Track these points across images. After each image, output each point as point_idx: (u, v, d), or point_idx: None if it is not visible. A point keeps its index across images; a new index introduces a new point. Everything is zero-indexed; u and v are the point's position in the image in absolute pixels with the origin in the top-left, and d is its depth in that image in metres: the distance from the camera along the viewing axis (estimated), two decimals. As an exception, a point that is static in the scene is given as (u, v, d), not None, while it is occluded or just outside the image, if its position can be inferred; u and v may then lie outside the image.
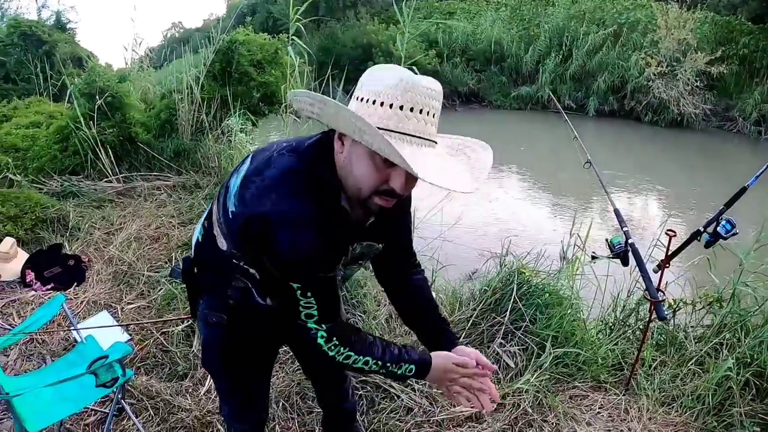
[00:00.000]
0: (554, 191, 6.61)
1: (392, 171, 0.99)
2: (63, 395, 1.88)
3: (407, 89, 0.95)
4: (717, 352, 2.35)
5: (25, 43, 8.05)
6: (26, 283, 3.48)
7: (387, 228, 1.28)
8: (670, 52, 10.22)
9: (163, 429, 2.23)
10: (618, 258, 2.24)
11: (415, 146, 0.96)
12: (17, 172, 4.71)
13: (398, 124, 0.95)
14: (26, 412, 1.76)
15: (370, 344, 1.16)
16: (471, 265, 3.70)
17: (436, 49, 13.29)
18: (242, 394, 1.49)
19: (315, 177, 1.06)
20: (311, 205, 1.04)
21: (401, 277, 1.42)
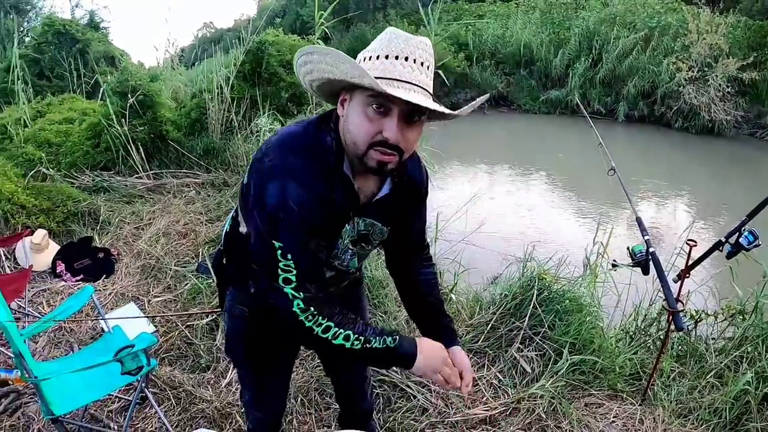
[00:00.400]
0: (581, 197, 6.53)
1: (384, 120, 1.01)
2: (89, 381, 1.97)
3: (391, 40, 1.02)
4: (737, 365, 2.31)
5: (59, 41, 8.27)
6: (56, 273, 3.61)
7: (396, 212, 1.26)
8: (701, 57, 9.98)
9: (184, 418, 2.30)
10: (639, 266, 2.22)
11: (399, 89, 0.98)
12: (50, 166, 4.88)
13: (385, 71, 1.00)
14: (53, 395, 1.84)
15: (351, 319, 1.12)
16: (494, 269, 3.70)
17: (466, 52, 13.26)
18: (261, 385, 1.54)
19: (313, 140, 1.10)
20: (303, 162, 1.06)
21: (411, 268, 1.42)
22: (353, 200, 1.15)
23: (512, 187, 7.39)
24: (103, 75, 6.73)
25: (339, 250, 1.23)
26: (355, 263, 1.31)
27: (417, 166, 1.30)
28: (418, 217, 1.39)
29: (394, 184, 1.21)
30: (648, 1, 12.31)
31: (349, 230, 1.20)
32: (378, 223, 1.24)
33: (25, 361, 1.76)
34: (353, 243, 1.24)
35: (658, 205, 6.62)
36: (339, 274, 1.31)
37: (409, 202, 1.29)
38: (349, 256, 1.27)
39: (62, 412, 1.82)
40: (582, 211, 6.12)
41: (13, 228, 3.84)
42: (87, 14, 10.47)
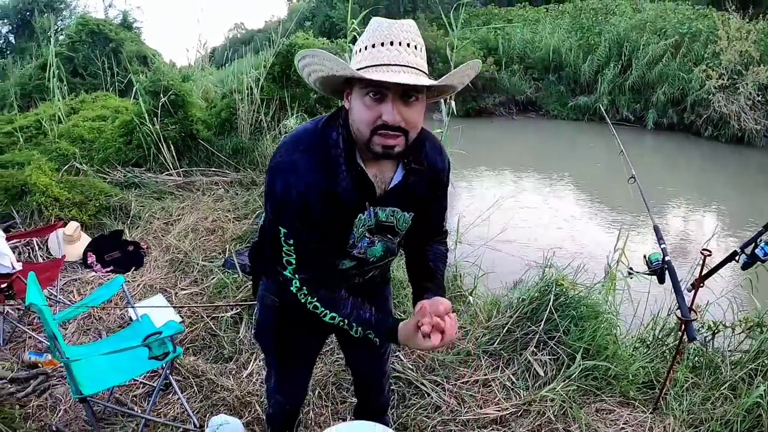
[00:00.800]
0: (607, 204, 6.48)
1: (381, 106, 1.06)
2: (117, 365, 2.09)
3: (375, 29, 1.07)
4: (752, 378, 2.30)
5: (93, 40, 8.55)
6: (87, 264, 3.77)
7: (416, 198, 1.29)
8: (731, 65, 9.76)
9: (205, 405, 2.41)
10: (655, 275, 2.23)
11: (388, 73, 1.03)
12: (84, 161, 5.07)
13: (374, 59, 1.05)
14: (82, 376, 1.96)
15: (338, 302, 1.24)
16: (514, 274, 3.72)
17: (495, 57, 13.23)
18: (285, 372, 1.62)
19: (319, 137, 1.17)
20: (305, 158, 1.15)
21: (424, 246, 1.45)
22: (368, 190, 1.20)
23: (537, 193, 7.37)
24: (136, 74, 6.94)
25: (355, 239, 1.26)
26: (376, 252, 1.32)
27: (438, 153, 1.33)
28: (438, 203, 1.41)
29: (407, 170, 1.24)
30: (679, 7, 12.12)
31: (364, 219, 1.23)
32: (399, 210, 1.27)
33: (59, 343, 1.87)
34: (371, 232, 1.27)
35: (685, 214, 6.52)
36: (359, 264, 1.33)
37: (428, 188, 1.31)
38: (366, 244, 1.29)
39: (90, 392, 1.94)
40: (606, 219, 6.07)
41: (46, 219, 4.03)
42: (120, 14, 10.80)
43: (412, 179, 1.25)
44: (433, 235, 1.46)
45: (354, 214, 1.22)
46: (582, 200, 6.93)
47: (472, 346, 2.65)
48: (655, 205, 6.40)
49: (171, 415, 2.37)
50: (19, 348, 2.91)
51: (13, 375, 2.58)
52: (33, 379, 2.56)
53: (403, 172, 1.24)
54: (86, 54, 8.28)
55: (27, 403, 2.43)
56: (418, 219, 1.34)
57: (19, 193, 4.10)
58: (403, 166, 1.24)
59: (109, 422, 2.31)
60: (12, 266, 3.05)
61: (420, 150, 1.25)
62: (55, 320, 2.23)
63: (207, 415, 2.31)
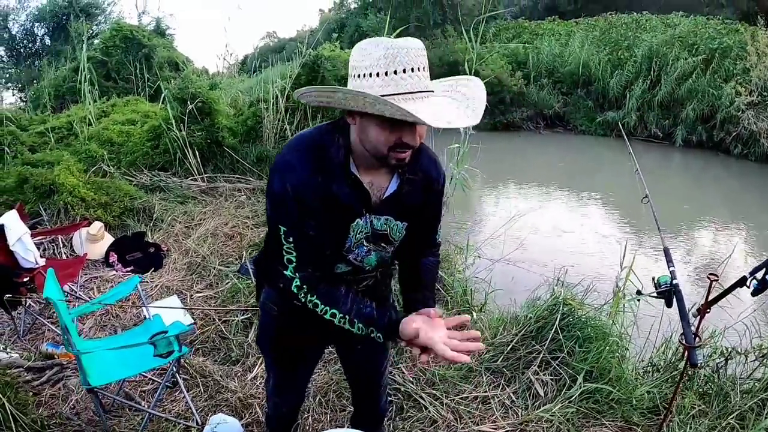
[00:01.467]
0: (631, 223, 6.36)
1: (402, 129, 1.09)
2: (125, 360, 2.18)
3: (395, 56, 1.05)
4: (761, 407, 2.24)
5: (126, 46, 8.81)
6: (109, 263, 3.90)
7: (410, 207, 1.32)
8: (761, 81, 9.50)
9: (209, 405, 2.47)
10: (663, 297, 2.20)
11: (418, 101, 1.06)
12: (111, 164, 5.24)
13: (396, 87, 1.06)
14: (91, 368, 2.06)
15: (338, 298, 1.26)
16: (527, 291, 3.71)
17: (524, 71, 13.18)
18: (282, 377, 1.66)
19: (318, 140, 1.22)
20: (303, 157, 1.19)
21: (415, 257, 1.47)
22: (363, 198, 1.24)
23: (560, 208, 7.30)
24: (166, 80, 7.13)
25: (351, 244, 1.29)
26: (371, 261, 1.35)
27: (432, 163, 1.36)
28: (432, 214, 1.42)
29: (402, 180, 1.28)
30: (709, 22, 11.89)
31: (361, 225, 1.27)
32: (393, 218, 1.30)
33: (70, 336, 1.97)
34: (368, 240, 1.31)
35: (712, 234, 6.35)
36: (355, 271, 1.36)
37: (422, 197, 1.34)
38: (364, 252, 1.32)
39: (97, 383, 2.03)
40: (628, 238, 5.97)
41: (72, 218, 4.18)
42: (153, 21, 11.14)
43: (406, 188, 1.28)
44: (426, 246, 1.48)
45: (351, 217, 1.25)
46: (606, 218, 6.82)
47: (474, 362, 2.65)
48: (680, 225, 6.28)
49: (175, 411, 2.44)
50: (38, 339, 3.05)
51: (30, 364, 2.70)
52: (48, 369, 2.68)
53: (398, 181, 1.28)
54: (119, 59, 8.56)
55: (41, 391, 2.54)
56: (412, 229, 1.36)
57: (48, 192, 4.27)
58: (398, 176, 1.28)
59: (116, 414, 2.41)
60: (35, 261, 3.18)
61: (415, 159, 1.28)
62: (71, 315, 2.33)
63: (209, 414, 2.37)
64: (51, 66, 8.93)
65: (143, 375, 2.58)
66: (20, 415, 2.09)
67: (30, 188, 4.30)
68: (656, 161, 9.79)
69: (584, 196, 7.77)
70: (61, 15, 13.60)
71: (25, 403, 2.24)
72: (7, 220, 3.07)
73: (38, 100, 7.96)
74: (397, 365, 2.60)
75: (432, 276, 1.49)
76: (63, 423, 2.34)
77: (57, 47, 12.34)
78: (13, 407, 2.07)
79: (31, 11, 14.40)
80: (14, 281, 2.94)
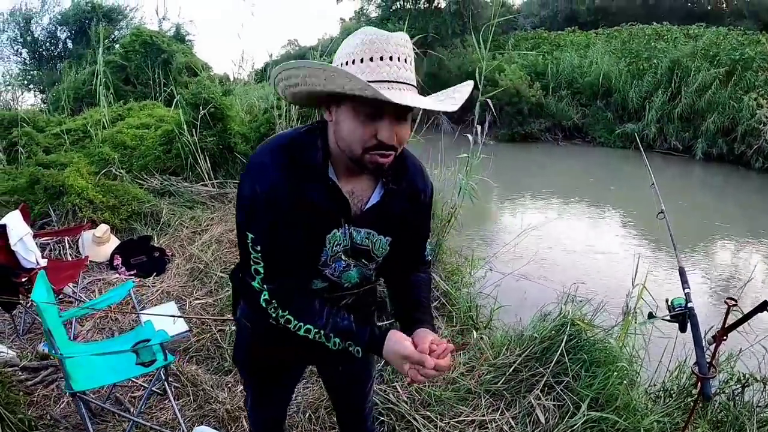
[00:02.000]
0: (647, 239, 6.18)
1: (378, 124, 1.01)
2: (113, 366, 2.14)
3: (373, 41, 1.00)
4: (778, 442, 2.08)
5: (146, 51, 8.92)
6: (113, 266, 3.88)
7: (395, 220, 1.23)
8: (781, 93, 9.26)
9: (198, 414, 2.41)
10: (676, 321, 2.07)
11: (395, 90, 0.99)
12: (123, 167, 5.26)
13: (372, 73, 0.99)
14: (76, 372, 2.01)
15: (313, 312, 1.15)
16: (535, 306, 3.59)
17: (542, 81, 13.06)
18: (258, 394, 1.57)
19: (293, 141, 1.12)
20: (275, 160, 1.09)
21: (403, 274, 1.37)
22: (342, 206, 1.14)
23: (577, 222, 7.16)
24: (184, 86, 7.18)
25: (327, 257, 1.19)
26: (351, 277, 1.25)
27: (419, 173, 1.27)
28: (419, 228, 1.33)
29: (386, 191, 1.18)
30: (730, 33, 11.64)
31: (339, 237, 1.17)
32: (375, 232, 1.21)
33: (54, 339, 1.93)
34: (346, 254, 1.21)
35: (732, 252, 6.13)
36: (332, 288, 1.26)
37: (407, 210, 1.25)
38: (342, 267, 1.22)
39: (80, 388, 1.98)
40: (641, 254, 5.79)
41: (80, 220, 4.19)
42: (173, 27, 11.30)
43: (390, 200, 1.19)
44: (414, 264, 1.38)
45: (327, 227, 1.15)
46: (623, 233, 6.64)
47: (474, 383, 2.53)
48: (698, 242, 6.08)
49: (163, 419, 2.38)
50: (36, 339, 3.03)
51: (26, 363, 2.68)
52: (43, 369, 2.66)
53: (382, 192, 1.18)
54: (138, 63, 8.68)
55: (34, 391, 2.52)
56: (397, 245, 1.26)
57: (58, 193, 4.28)
58: (382, 186, 1.18)
59: (104, 419, 2.36)
60: (36, 262, 3.18)
61: (400, 169, 1.19)
62: (63, 317, 2.30)
63: (196, 424, 2.31)
64: (71, 69, 9.08)
65: (134, 381, 2.54)
66: (7, 414, 2.05)
67: (41, 189, 4.32)
68: (675, 175, 9.58)
69: (601, 210, 7.60)
70: (84, 19, 13.91)
71: (16, 401, 2.20)
72: (10, 220, 3.07)
73: (57, 102, 8.08)
74: (391, 383, 2.49)
75: (426, 294, 1.37)
76: (50, 425, 2.31)
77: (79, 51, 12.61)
78: (2, 407, 2.03)
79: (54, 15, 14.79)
80: (13, 281, 2.92)
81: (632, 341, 2.76)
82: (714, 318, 2.95)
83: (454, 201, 3.96)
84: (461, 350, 2.68)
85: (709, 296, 4.69)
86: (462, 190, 3.87)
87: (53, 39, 15.13)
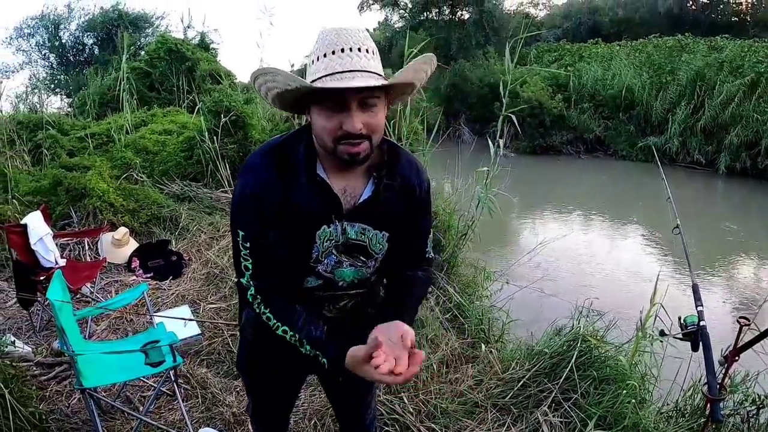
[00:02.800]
0: (667, 254, 6.08)
1: (342, 115, 1.05)
2: (122, 365, 2.18)
3: (326, 37, 1.05)
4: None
5: (170, 58, 9.09)
6: (131, 268, 3.95)
7: (390, 215, 1.23)
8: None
9: (205, 417, 2.44)
10: (688, 340, 2.02)
11: (347, 80, 1.02)
12: (144, 172, 5.36)
13: (327, 68, 1.04)
14: (87, 369, 2.05)
15: (292, 315, 1.17)
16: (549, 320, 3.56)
17: (564, 94, 12.99)
18: (258, 402, 1.59)
19: (283, 144, 1.18)
20: (264, 161, 1.15)
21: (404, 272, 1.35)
22: (332, 203, 1.17)
23: (596, 236, 7.11)
24: (207, 93, 7.30)
25: (319, 253, 1.20)
26: (344, 274, 1.25)
27: (412, 168, 1.27)
28: (418, 225, 1.33)
29: (378, 185, 1.19)
30: (755, 45, 11.43)
31: (330, 232, 1.19)
32: (370, 227, 1.22)
33: (66, 336, 1.98)
34: (338, 249, 1.21)
35: (754, 270, 5.99)
36: (327, 285, 1.25)
37: (403, 206, 1.25)
38: (334, 262, 1.22)
39: (90, 385, 2.02)
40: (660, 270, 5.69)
41: (100, 222, 4.29)
42: (198, 35, 11.49)
43: (384, 195, 1.20)
44: (414, 261, 1.36)
45: (316, 224, 1.17)
46: (642, 248, 6.55)
47: (481, 396, 2.51)
48: (718, 258, 5.95)
49: (171, 419, 2.42)
50: (52, 337, 3.08)
51: (40, 359, 2.75)
52: (57, 366, 2.72)
53: (373, 186, 1.20)
54: (163, 70, 8.87)
55: (47, 386, 2.58)
56: (395, 241, 1.26)
57: (79, 196, 4.39)
58: (374, 180, 1.20)
59: (113, 417, 2.40)
60: (55, 262, 3.26)
61: (394, 164, 1.21)
62: (77, 316, 2.35)
63: (202, 426, 2.34)
64: (97, 75, 9.32)
65: (145, 381, 2.58)
66: (19, 407, 2.09)
67: (63, 191, 4.44)
68: (698, 189, 9.42)
69: (621, 224, 7.51)
70: (111, 26, 14.27)
71: (28, 396, 2.25)
72: (31, 220, 3.15)
73: (83, 106, 8.31)
74: (398, 394, 2.49)
75: (418, 289, 1.34)
76: (61, 420, 2.35)
77: (105, 57, 12.92)
78: (14, 399, 2.08)
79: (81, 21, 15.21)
80: (31, 279, 3.00)
81: (645, 359, 2.71)
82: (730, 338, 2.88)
83: (472, 214, 3.94)
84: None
85: (728, 315, 4.58)
86: (480, 203, 3.84)
87: (80, 45, 15.53)
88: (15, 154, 5.28)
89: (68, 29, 15.32)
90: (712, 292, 5.08)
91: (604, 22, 22.99)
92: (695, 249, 5.88)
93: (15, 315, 3.34)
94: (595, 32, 21.43)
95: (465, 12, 17.80)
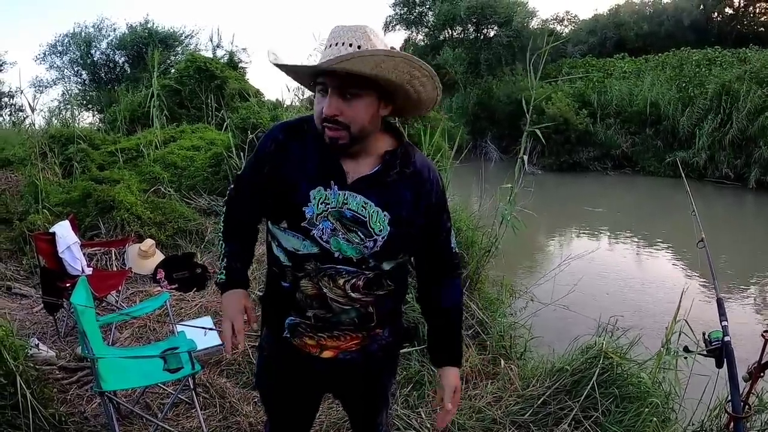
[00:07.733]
0: (694, 270, 5.92)
1: (322, 101, 1.18)
2: (142, 370, 2.23)
3: (329, 33, 1.20)
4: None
5: (200, 76, 9.41)
6: (156, 279, 4.03)
7: (397, 198, 1.24)
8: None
9: (222, 426, 2.45)
10: (713, 356, 1.96)
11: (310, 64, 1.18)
12: (171, 186, 5.49)
13: (321, 59, 1.17)
14: (107, 373, 2.10)
15: (233, 237, 1.38)
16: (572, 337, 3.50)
17: (590, 109, 12.87)
18: (274, 418, 1.57)
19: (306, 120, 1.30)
20: (287, 125, 1.31)
21: (433, 281, 1.39)
22: (333, 166, 1.22)
23: (623, 253, 6.98)
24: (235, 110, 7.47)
25: (313, 215, 1.20)
26: (341, 246, 1.22)
27: (425, 166, 1.31)
28: (436, 220, 1.32)
29: (385, 163, 1.23)
30: None
31: (326, 195, 1.20)
32: (372, 203, 1.21)
33: (88, 340, 2.03)
34: (335, 217, 1.20)
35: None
36: (323, 256, 1.22)
37: (410, 194, 1.25)
38: (330, 230, 1.21)
39: (109, 388, 2.07)
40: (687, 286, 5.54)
41: (127, 234, 4.39)
42: (227, 54, 11.82)
43: (392, 176, 1.23)
44: (443, 268, 1.37)
45: (312, 183, 1.21)
46: (670, 264, 6.41)
47: (500, 413, 2.47)
48: (748, 274, 5.76)
49: (188, 427, 2.44)
50: (76, 342, 3.15)
51: (64, 363, 2.82)
52: (80, 371, 2.78)
53: (382, 165, 1.23)
54: (192, 88, 9.15)
55: (68, 389, 2.64)
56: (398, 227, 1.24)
57: (108, 208, 4.52)
58: (383, 161, 1.24)
59: (132, 422, 2.44)
60: (82, 270, 3.35)
61: (407, 155, 1.27)
62: (99, 322, 2.41)
63: (217, 434, 2.35)
64: (128, 91, 9.63)
65: (164, 388, 2.62)
66: (40, 408, 2.14)
67: (92, 202, 4.57)
68: (727, 204, 9.17)
69: (648, 241, 7.35)
70: (141, 44, 14.79)
71: (50, 398, 2.31)
72: (60, 229, 3.26)
73: (114, 122, 8.60)
74: (415, 409, 2.47)
75: (459, 316, 1.45)
76: (80, 422, 2.39)
77: (136, 74, 13.36)
78: (35, 400, 2.13)
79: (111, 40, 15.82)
80: (57, 285, 3.08)
81: (669, 376, 2.63)
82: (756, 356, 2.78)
83: (496, 230, 3.88)
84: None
85: (757, 330, 4.42)
86: (504, 220, 3.79)
87: (111, 62, 16.13)
88: (47, 167, 5.46)
89: (99, 47, 15.93)
90: (742, 308, 4.94)
91: (629, 37, 22.74)
92: (724, 264, 5.72)
93: (41, 320, 3.43)
94: (620, 47, 21.22)
95: (490, 30, 17.88)
